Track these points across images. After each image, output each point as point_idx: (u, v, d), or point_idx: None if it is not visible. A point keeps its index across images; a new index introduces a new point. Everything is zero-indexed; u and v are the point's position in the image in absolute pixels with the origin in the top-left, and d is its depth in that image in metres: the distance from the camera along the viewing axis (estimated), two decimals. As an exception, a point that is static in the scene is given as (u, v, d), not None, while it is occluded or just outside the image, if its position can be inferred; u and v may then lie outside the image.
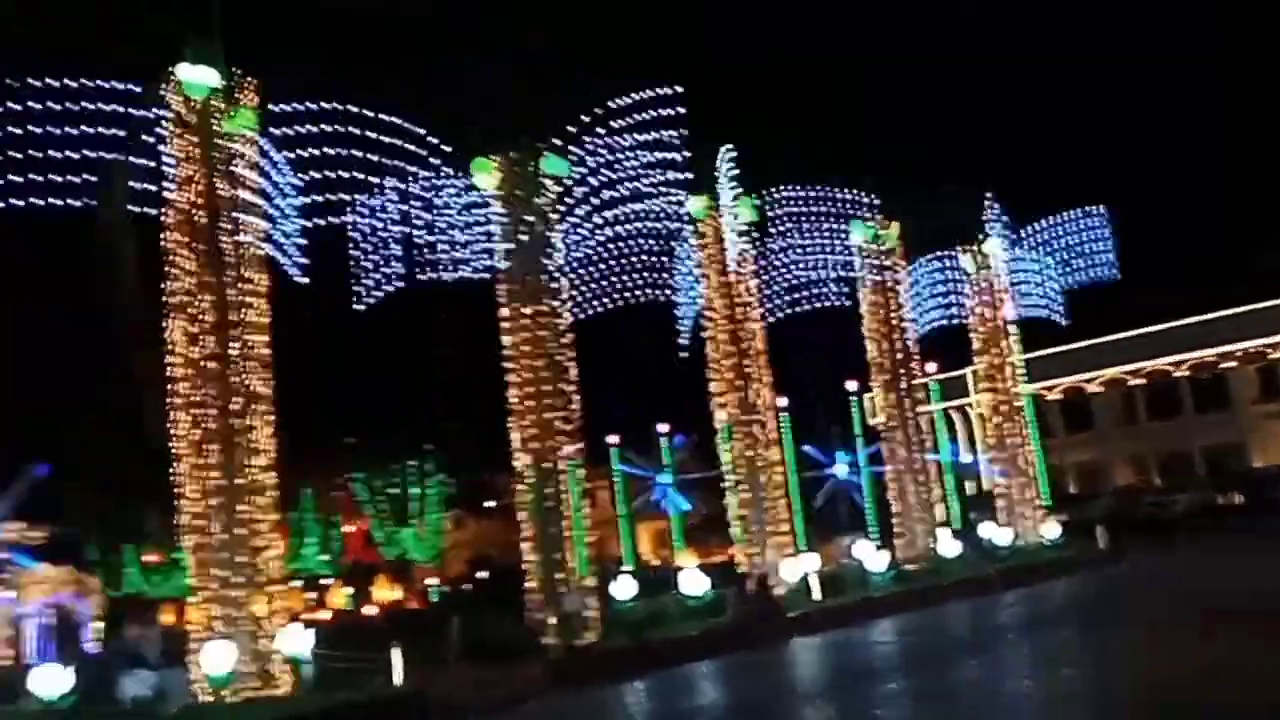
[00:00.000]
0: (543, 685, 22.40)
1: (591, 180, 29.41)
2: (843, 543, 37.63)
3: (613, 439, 50.23)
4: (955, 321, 42.25)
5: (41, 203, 21.02)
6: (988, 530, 38.88)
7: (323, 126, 23.93)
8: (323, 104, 23.77)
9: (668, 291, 33.46)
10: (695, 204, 33.13)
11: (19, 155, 20.40)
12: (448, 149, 26.72)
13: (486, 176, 27.87)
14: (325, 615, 48.90)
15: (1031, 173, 74.01)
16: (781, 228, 35.95)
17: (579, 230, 29.99)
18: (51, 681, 18.34)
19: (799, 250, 36.82)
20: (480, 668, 24.18)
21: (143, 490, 32.17)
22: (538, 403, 27.12)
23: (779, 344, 34.91)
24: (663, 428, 49.83)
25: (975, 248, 41.90)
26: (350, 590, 55.35)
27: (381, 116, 24.66)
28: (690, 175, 30.80)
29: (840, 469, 44.17)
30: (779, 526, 33.06)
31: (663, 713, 19.55)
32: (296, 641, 22.05)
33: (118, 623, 31.66)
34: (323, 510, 53.01)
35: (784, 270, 36.58)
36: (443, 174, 27.38)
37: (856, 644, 25.23)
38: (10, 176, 20.33)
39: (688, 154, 29.98)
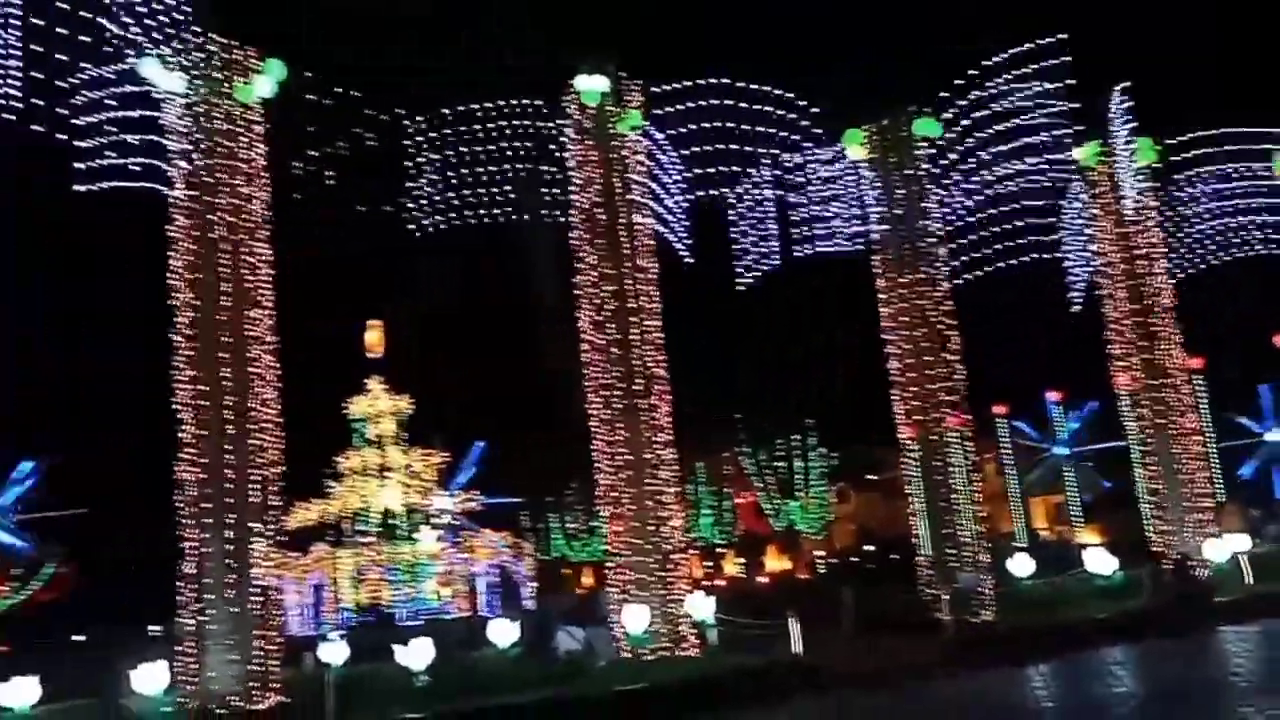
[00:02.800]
0: (939, 662, 21.81)
1: (968, 139, 28.02)
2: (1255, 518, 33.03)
3: (1000, 409, 47.71)
4: None
5: (463, 216, 23.64)
6: None
7: (702, 116, 24.78)
8: (701, 94, 24.61)
9: (1056, 248, 31.06)
10: (1084, 151, 30.41)
11: (449, 177, 23.11)
12: (819, 125, 26.67)
13: (858, 147, 27.46)
14: (720, 583, 50.82)
15: None
16: (1190, 170, 32.07)
17: (955, 193, 28.69)
18: (503, 633, 20.71)
19: (1212, 195, 32.65)
20: (875, 640, 24.01)
21: (564, 464, 35.27)
22: (919, 373, 26.38)
23: (1189, 298, 31.25)
24: (1054, 395, 46.55)
25: None
26: (742, 560, 57.14)
27: (757, 97, 25.10)
28: (1076, 123, 28.39)
29: (1275, 434, 38.76)
30: (1198, 502, 29.68)
31: (1074, 699, 18.23)
32: (701, 607, 23.13)
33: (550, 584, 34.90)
34: (715, 483, 55.10)
35: (1195, 218, 32.65)
36: (815, 148, 27.39)
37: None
38: (442, 197, 23.06)
39: (1073, 103, 27.66)
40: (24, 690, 16.61)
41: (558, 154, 24.12)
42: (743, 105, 25.11)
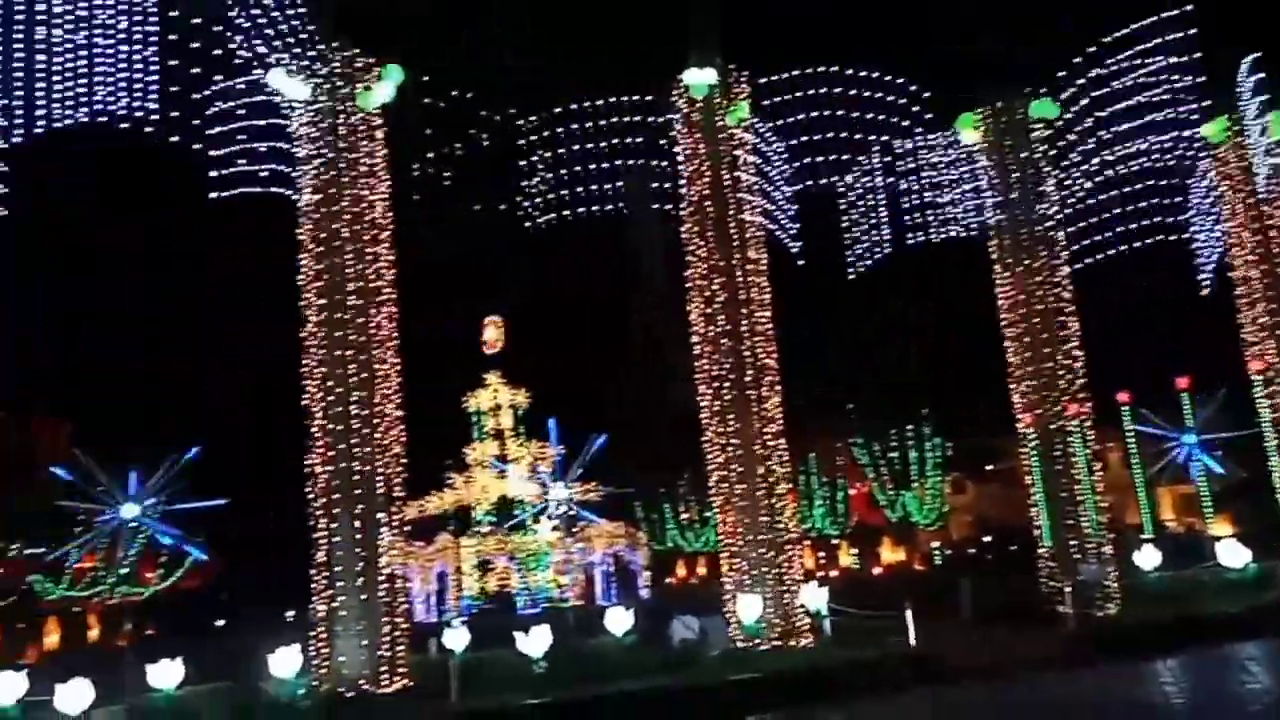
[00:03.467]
0: (1060, 656, 21.13)
1: (1087, 119, 26.97)
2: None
3: (1123, 396, 45.82)
4: None
5: (575, 212, 23.90)
6: None
7: (810, 105, 24.50)
8: (808, 83, 24.33)
9: (1183, 229, 29.63)
10: (1212, 128, 28.91)
11: (561, 174, 23.41)
12: (931, 110, 26.06)
13: (971, 131, 26.73)
14: (833, 574, 50.30)
15: None
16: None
17: (1075, 175, 27.65)
18: (619, 620, 20.94)
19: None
20: (994, 632, 23.39)
21: (677, 455, 35.46)
22: (1037, 361, 25.56)
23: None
24: (1182, 382, 44.46)
25: None
26: (856, 551, 56.40)
27: (866, 84, 24.68)
28: (1203, 98, 27.02)
29: None
30: (1344, 492, 27.99)
31: (1203, 696, 17.42)
32: (814, 597, 22.93)
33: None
34: (827, 473, 54.51)
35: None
36: (926, 134, 26.78)
37: None
38: (554, 194, 23.37)
39: (1199, 77, 26.35)
40: (170, 672, 17.49)
41: (667, 148, 24.17)
42: (851, 92, 24.72)
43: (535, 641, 19.56)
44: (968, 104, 26.81)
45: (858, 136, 25.49)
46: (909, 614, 21.13)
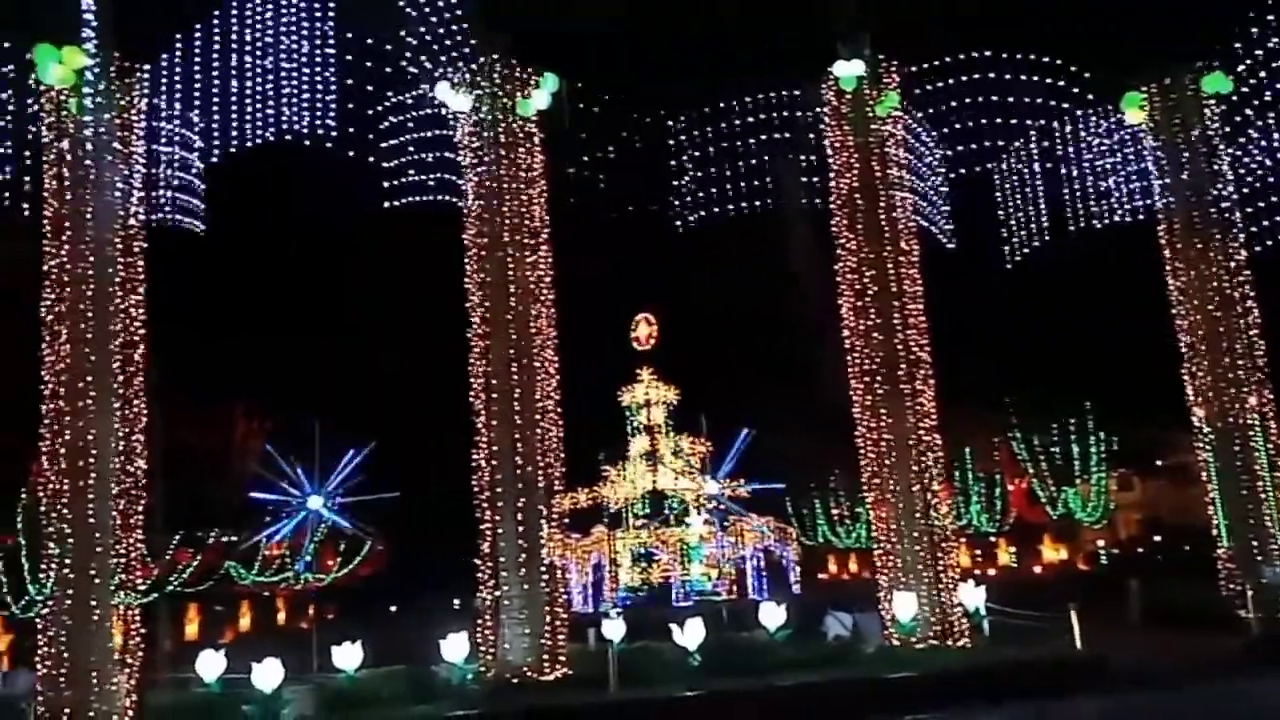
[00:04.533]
0: (1241, 662, 19.83)
1: (1266, 93, 25.15)
2: None
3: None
4: None
5: (725, 209, 23.93)
6: None
7: (962, 91, 23.76)
8: (960, 69, 23.61)
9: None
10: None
11: (710, 172, 23.51)
12: (1091, 90, 24.84)
13: (1137, 111, 25.35)
14: (991, 572, 48.65)
15: None
16: None
17: (1253, 153, 25.84)
18: (773, 615, 20.86)
19: None
20: (1166, 636, 22.17)
21: (828, 450, 35.11)
22: (1213, 350, 24.07)
23: None
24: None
25: None
26: (1014, 549, 54.31)
27: (1021, 66, 23.75)
28: None
29: None
30: None
31: None
32: (972, 596, 22.26)
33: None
34: (983, 469, 52.67)
35: None
36: (1088, 115, 25.57)
37: None
38: (704, 192, 23.49)
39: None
40: (352, 654, 18.43)
41: (816, 140, 23.89)
42: (1006, 75, 23.82)
43: (690, 634, 19.69)
44: (1134, 81, 25.46)
45: (1013, 121, 24.58)
46: (1074, 615, 20.25)
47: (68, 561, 17.63)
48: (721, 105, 23.98)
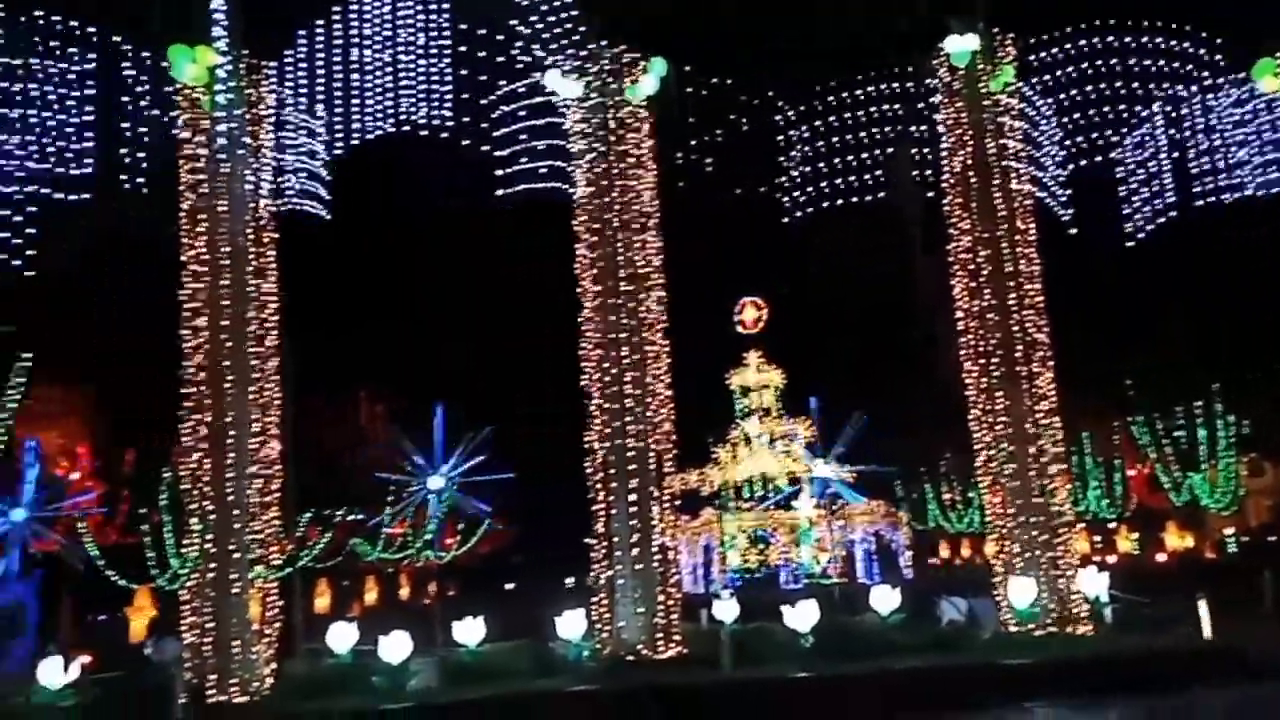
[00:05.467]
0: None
1: None
2: None
3: None
4: None
5: (834, 187, 23.44)
6: None
7: (1082, 62, 22.75)
8: (1080, 38, 22.59)
9: None
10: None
11: (820, 152, 23.03)
12: (1220, 58, 23.44)
13: (1271, 79, 23.73)
14: (1111, 560, 46.81)
15: None
16: None
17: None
18: (886, 599, 20.40)
19: None
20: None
21: (939, 434, 34.37)
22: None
23: None
24: None
25: None
26: (1136, 536, 52.08)
27: (1146, 34, 22.57)
28: None
29: None
30: None
31: None
32: (1093, 583, 21.40)
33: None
34: (1102, 453, 50.58)
35: None
36: (1216, 86, 24.13)
37: None
38: (814, 175, 23.06)
39: None
40: (473, 629, 18.81)
41: (928, 119, 23.21)
42: (1129, 44, 22.67)
43: (802, 616, 19.45)
44: (1265, 48, 23.85)
45: (1136, 91, 23.40)
46: (1202, 604, 19.25)
47: (209, 538, 18.47)
48: (831, 86, 23.50)
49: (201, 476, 18.69)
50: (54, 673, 17.06)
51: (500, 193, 20.83)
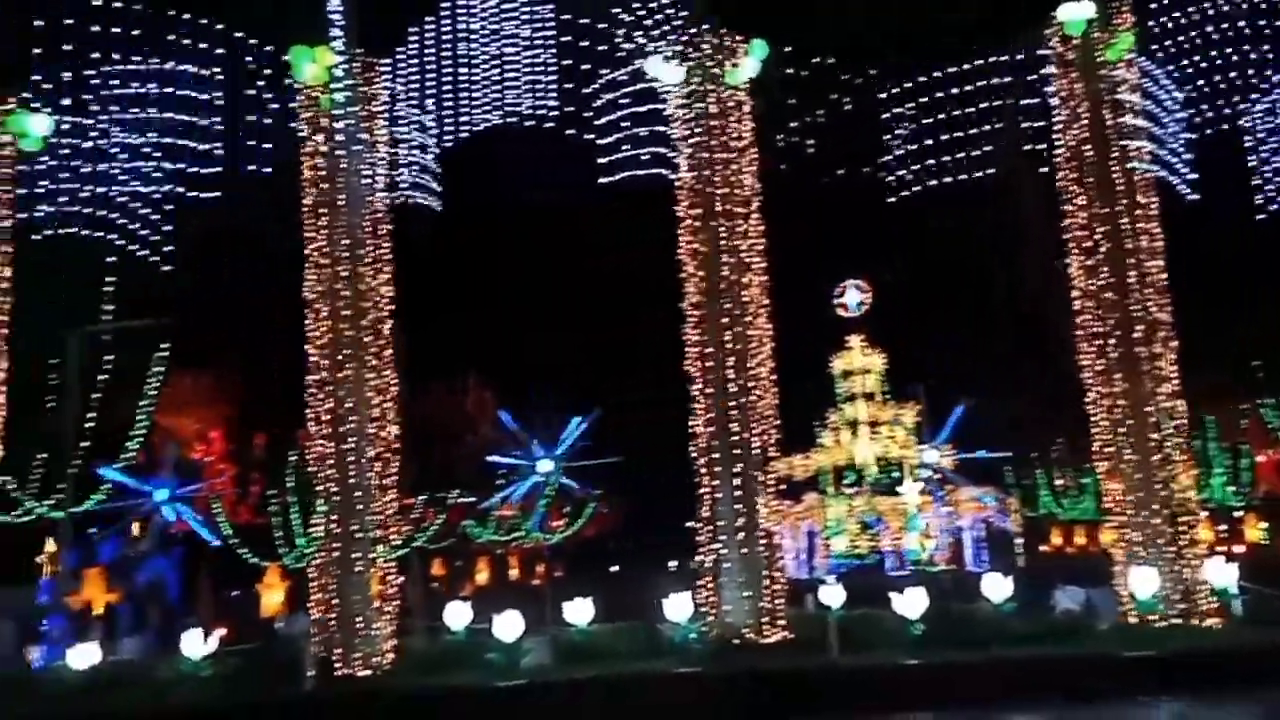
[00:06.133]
0: None
1: None
2: None
3: None
4: None
5: (941, 165, 22.76)
6: None
7: (1206, 25, 21.53)
8: (1204, 2, 21.38)
9: None
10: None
11: (924, 131, 22.39)
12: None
13: None
14: (1238, 550, 44.50)
15: None
16: None
17: None
18: (998, 587, 19.83)
19: None
20: None
21: (1051, 418, 33.36)
22: None
23: None
24: None
25: None
26: (1265, 525, 49.40)
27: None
28: None
29: None
30: None
31: None
32: (1221, 573, 20.39)
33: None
34: (1227, 438, 48.14)
35: None
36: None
37: None
38: (919, 154, 22.46)
39: None
40: (583, 610, 19.05)
41: (1041, 88, 22.32)
42: (1257, 4, 21.34)
43: (911, 603, 19.07)
44: None
45: (1267, 55, 22.03)
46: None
47: (334, 518, 19.14)
48: (936, 60, 22.77)
49: (325, 460, 19.38)
50: (195, 644, 17.98)
51: (603, 180, 20.91)
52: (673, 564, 36.21)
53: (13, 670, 19.73)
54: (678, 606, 19.12)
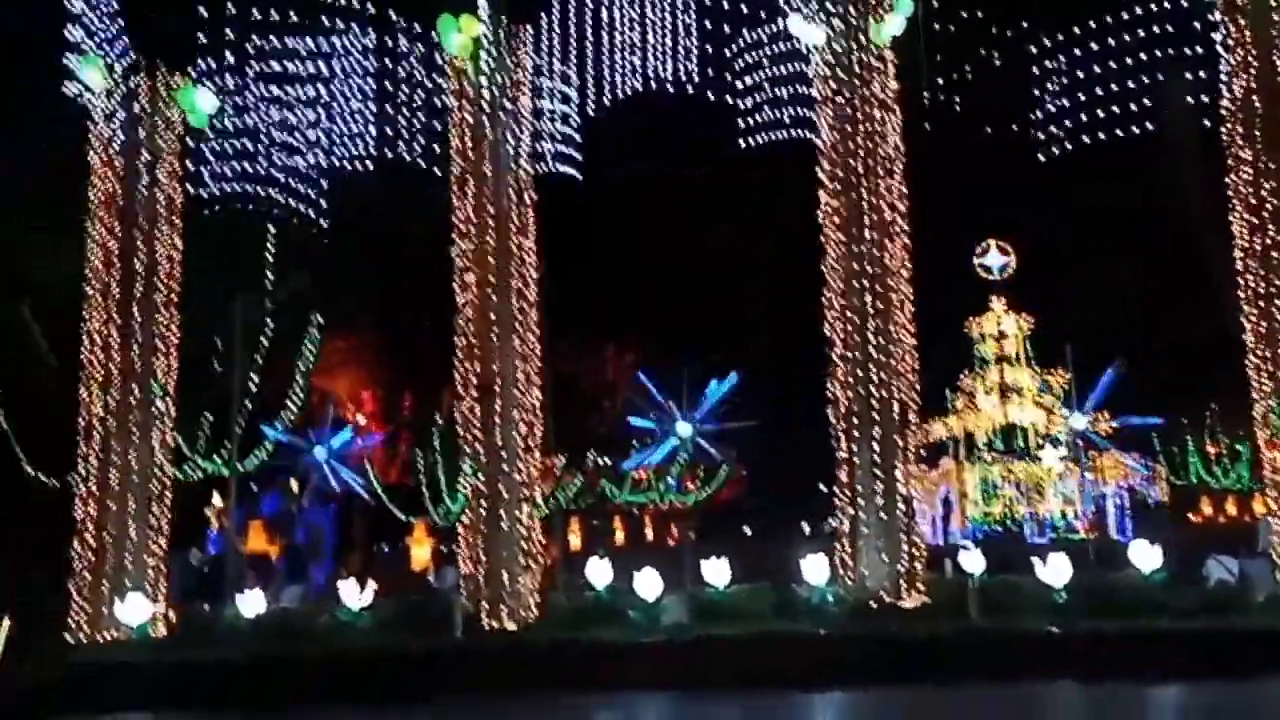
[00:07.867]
0: None
1: None
2: None
3: None
4: None
5: (1100, 124, 21.64)
6: None
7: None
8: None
9: None
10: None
11: (1078, 86, 21.31)
12: None
13: None
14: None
15: None
16: None
17: None
18: (1146, 556, 18.99)
19: None
20: None
21: (1205, 383, 31.54)
22: None
23: None
24: None
25: None
26: None
27: None
28: None
29: None
30: None
31: None
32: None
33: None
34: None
35: None
36: None
37: None
38: (1071, 110, 21.36)
39: None
40: (720, 570, 19.11)
41: (1206, 35, 20.85)
42: None
43: (1055, 570, 18.44)
44: None
45: None
46: None
47: (481, 478, 19.78)
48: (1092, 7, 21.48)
49: (471, 422, 20.00)
50: (352, 594, 18.94)
51: (744, 143, 20.64)
52: (806, 528, 36.02)
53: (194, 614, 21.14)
54: (815, 569, 19.02)
